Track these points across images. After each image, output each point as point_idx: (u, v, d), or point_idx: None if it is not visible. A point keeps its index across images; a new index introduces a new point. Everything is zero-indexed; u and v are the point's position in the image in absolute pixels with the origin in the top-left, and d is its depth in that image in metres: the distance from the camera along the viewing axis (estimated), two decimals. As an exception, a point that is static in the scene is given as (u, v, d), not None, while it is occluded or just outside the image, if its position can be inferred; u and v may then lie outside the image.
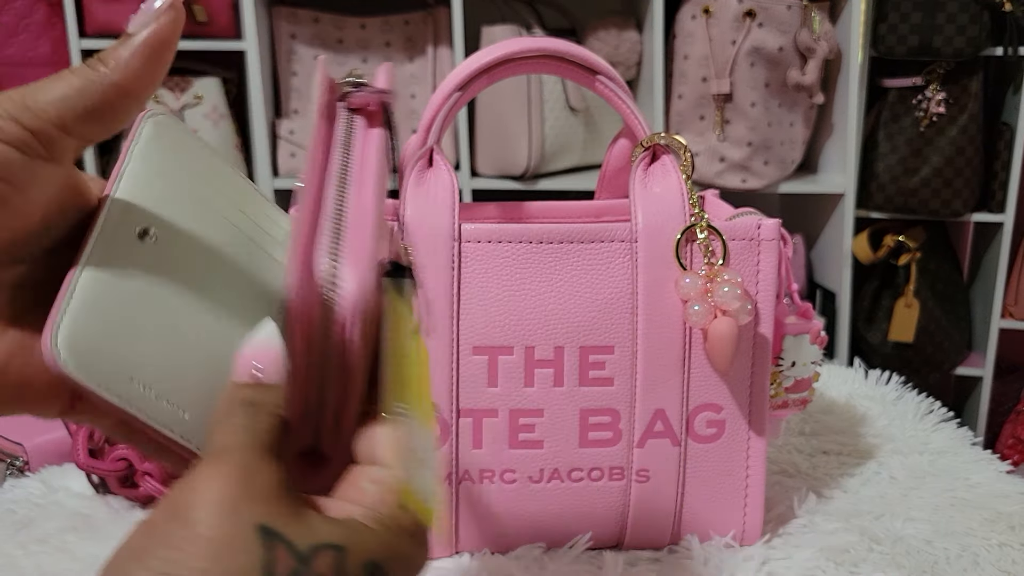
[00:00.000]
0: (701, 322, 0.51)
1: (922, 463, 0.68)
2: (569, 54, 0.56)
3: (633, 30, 1.61)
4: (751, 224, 0.53)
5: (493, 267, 0.52)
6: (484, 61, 0.55)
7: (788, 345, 0.56)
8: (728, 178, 1.58)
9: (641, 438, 0.53)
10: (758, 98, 1.54)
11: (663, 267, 0.52)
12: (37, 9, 1.50)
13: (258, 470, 0.26)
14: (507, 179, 1.60)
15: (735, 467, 0.55)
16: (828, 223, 1.71)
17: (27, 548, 0.57)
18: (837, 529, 0.57)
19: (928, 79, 1.60)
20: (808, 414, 0.77)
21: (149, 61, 0.28)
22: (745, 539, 0.56)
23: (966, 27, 1.54)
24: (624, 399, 0.53)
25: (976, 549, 0.56)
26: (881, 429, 0.74)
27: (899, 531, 0.58)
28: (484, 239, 0.52)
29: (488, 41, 1.53)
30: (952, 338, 1.73)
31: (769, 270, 0.53)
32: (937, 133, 1.61)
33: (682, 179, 0.53)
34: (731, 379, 0.54)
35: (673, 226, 0.52)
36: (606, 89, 0.57)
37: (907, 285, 1.69)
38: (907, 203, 1.64)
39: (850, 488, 0.65)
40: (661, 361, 0.53)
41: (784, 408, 0.58)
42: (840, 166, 1.63)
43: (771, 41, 1.51)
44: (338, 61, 1.64)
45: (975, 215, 1.67)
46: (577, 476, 0.54)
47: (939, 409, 0.78)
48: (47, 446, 0.74)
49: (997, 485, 0.64)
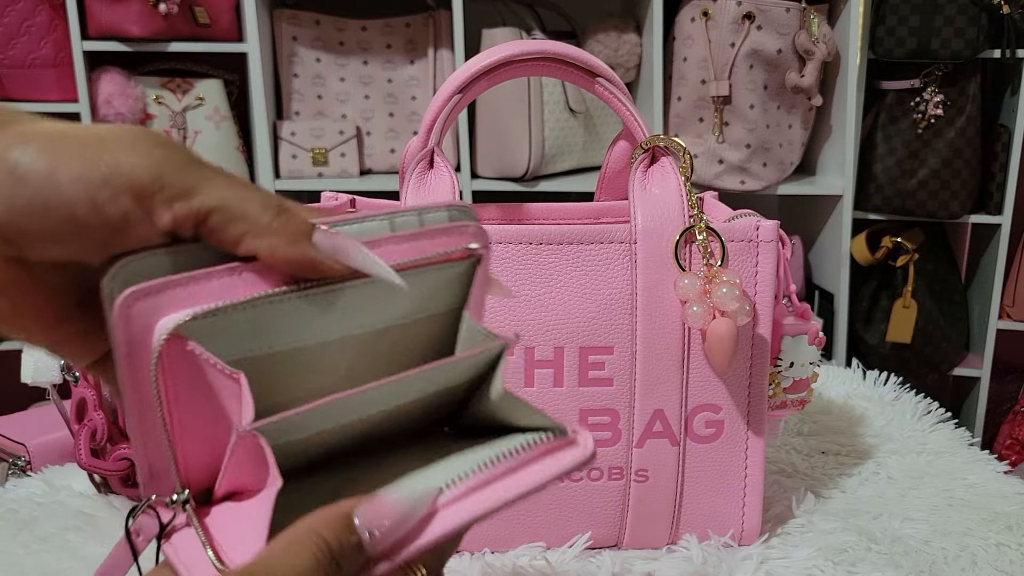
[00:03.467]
0: (700, 323, 0.51)
1: (920, 463, 0.69)
2: (569, 56, 0.57)
3: (632, 32, 1.62)
4: (750, 225, 0.53)
5: (493, 268, 0.52)
6: (485, 63, 0.55)
7: (786, 346, 0.57)
8: (727, 180, 1.58)
9: (640, 438, 0.54)
10: (757, 100, 1.54)
11: (662, 268, 0.52)
12: (40, 11, 1.50)
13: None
14: (507, 180, 1.61)
15: (734, 467, 0.55)
16: (826, 224, 1.72)
17: (29, 547, 0.57)
18: (835, 529, 0.58)
19: (926, 81, 1.61)
20: (806, 414, 0.77)
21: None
22: (743, 539, 0.57)
23: (964, 29, 1.54)
24: (623, 399, 0.53)
25: (974, 549, 0.56)
26: (879, 429, 0.75)
27: (897, 531, 0.58)
28: (485, 240, 0.52)
29: (488, 43, 1.54)
30: (950, 339, 1.73)
31: (767, 271, 0.53)
32: (935, 135, 1.62)
33: (681, 181, 0.54)
34: (730, 380, 0.54)
35: (672, 227, 0.52)
36: (605, 91, 0.57)
37: (905, 286, 1.70)
38: (905, 205, 1.65)
39: (848, 488, 0.65)
40: (660, 362, 0.53)
41: (782, 408, 0.59)
42: (838, 168, 1.63)
43: (770, 43, 1.52)
44: (339, 63, 1.64)
45: (973, 217, 1.68)
46: (576, 476, 0.54)
47: (937, 410, 0.78)
48: (49, 446, 0.74)
49: (994, 485, 0.65)
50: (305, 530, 0.26)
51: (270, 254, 0.28)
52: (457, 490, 0.29)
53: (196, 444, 0.30)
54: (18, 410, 0.98)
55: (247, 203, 0.27)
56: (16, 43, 1.50)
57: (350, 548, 0.27)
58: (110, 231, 0.27)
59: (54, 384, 0.69)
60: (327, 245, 0.28)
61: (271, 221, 0.28)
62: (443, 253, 0.32)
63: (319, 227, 0.29)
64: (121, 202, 0.26)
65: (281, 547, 0.26)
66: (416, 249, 0.32)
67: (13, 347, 1.53)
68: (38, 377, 0.67)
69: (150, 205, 0.27)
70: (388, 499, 0.28)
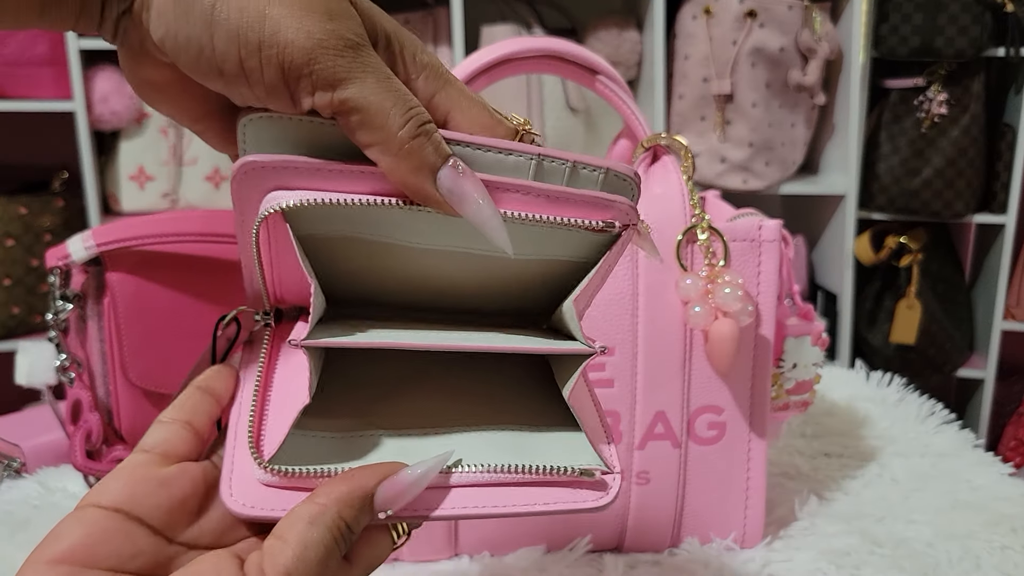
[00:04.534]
0: (702, 323, 0.51)
1: (924, 465, 0.68)
2: (569, 54, 0.56)
3: (634, 30, 1.61)
4: (752, 225, 0.52)
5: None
6: (484, 61, 0.55)
7: (789, 347, 0.56)
8: (729, 179, 1.57)
9: (642, 440, 0.53)
10: (759, 99, 1.54)
11: (664, 268, 0.52)
12: (37, 9, 1.50)
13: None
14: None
15: (736, 469, 0.55)
16: (829, 224, 1.71)
17: (25, 549, 0.56)
18: (838, 531, 0.57)
19: (930, 80, 1.60)
20: (809, 416, 0.77)
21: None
22: (746, 541, 0.56)
23: (968, 28, 1.54)
24: (625, 401, 0.53)
25: (978, 552, 0.55)
26: (883, 431, 0.74)
27: (901, 533, 0.57)
28: (483, 240, 0.51)
29: (488, 41, 1.53)
30: (954, 340, 1.73)
31: (770, 271, 0.53)
32: (939, 134, 1.61)
33: (683, 180, 0.53)
34: (732, 381, 0.53)
35: (674, 227, 0.52)
36: (606, 89, 0.57)
37: (909, 286, 1.69)
38: (909, 204, 1.64)
39: (851, 490, 0.64)
40: (662, 363, 0.52)
41: (785, 410, 0.58)
42: (842, 167, 1.63)
43: (772, 41, 1.51)
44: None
45: (977, 216, 1.67)
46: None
47: (941, 411, 0.78)
48: (44, 447, 0.74)
49: (999, 488, 0.64)
50: (327, 507, 0.27)
51: (390, 172, 0.28)
52: (471, 477, 0.30)
53: (289, 286, 0.32)
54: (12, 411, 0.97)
55: (387, 114, 0.27)
56: (10, 41, 1.50)
57: (364, 521, 0.29)
58: (252, 93, 0.27)
59: (49, 385, 0.69)
60: (448, 187, 0.28)
61: (405, 142, 0.27)
62: (577, 223, 0.30)
63: (451, 161, 0.28)
64: (268, 74, 0.26)
65: (306, 525, 0.27)
66: (550, 209, 0.30)
67: (7, 348, 1.53)
68: (32, 378, 0.66)
69: (295, 86, 0.26)
70: (409, 478, 0.28)
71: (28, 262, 1.59)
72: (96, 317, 0.60)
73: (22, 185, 1.61)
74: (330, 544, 0.27)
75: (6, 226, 1.55)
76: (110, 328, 0.59)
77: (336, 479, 0.29)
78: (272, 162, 0.28)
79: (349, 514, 0.28)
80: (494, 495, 0.30)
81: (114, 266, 0.59)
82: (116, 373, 0.60)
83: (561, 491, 0.30)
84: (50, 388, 0.73)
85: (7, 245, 1.56)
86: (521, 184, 0.29)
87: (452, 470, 0.30)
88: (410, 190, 0.28)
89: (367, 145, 0.27)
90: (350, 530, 0.28)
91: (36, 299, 1.61)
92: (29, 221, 1.58)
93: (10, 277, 1.57)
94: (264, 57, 0.26)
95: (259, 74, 0.26)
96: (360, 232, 0.31)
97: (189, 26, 0.26)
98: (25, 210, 1.57)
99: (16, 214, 1.56)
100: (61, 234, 1.59)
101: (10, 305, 1.58)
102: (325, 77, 0.26)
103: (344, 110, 0.27)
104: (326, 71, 0.26)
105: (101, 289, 0.59)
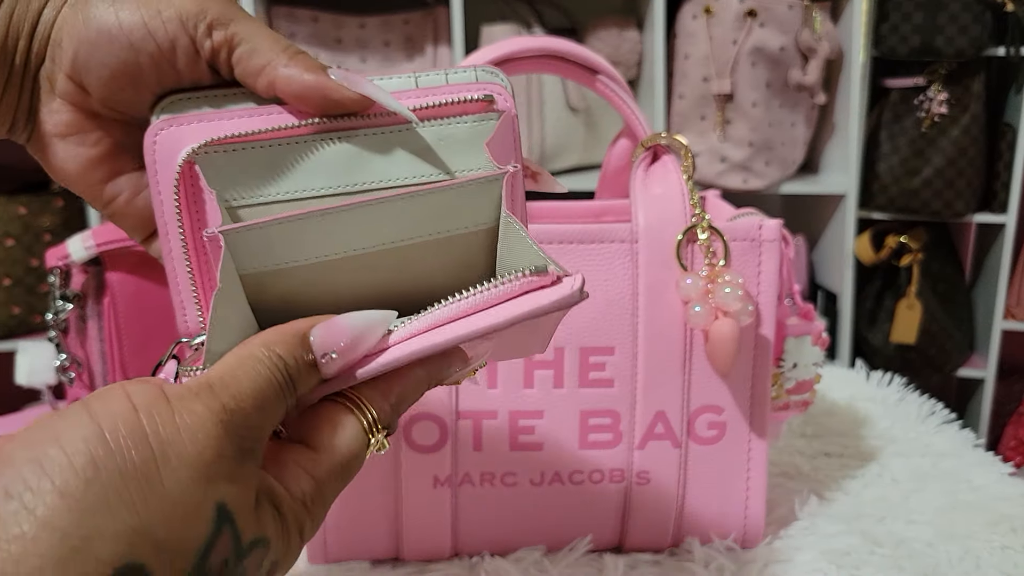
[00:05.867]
0: (702, 323, 0.51)
1: (924, 465, 0.68)
2: (570, 54, 0.56)
3: (634, 29, 1.61)
4: (752, 225, 0.52)
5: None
6: (484, 60, 0.55)
7: (790, 346, 0.56)
8: (729, 178, 1.57)
9: (642, 440, 0.53)
10: (759, 98, 1.54)
11: (664, 268, 0.51)
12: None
13: (249, 445, 0.25)
14: (508, 179, 1.60)
15: (736, 469, 0.55)
16: (830, 224, 1.71)
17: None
18: (839, 531, 0.57)
19: (930, 79, 1.60)
20: (809, 416, 0.77)
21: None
22: (746, 541, 0.56)
23: (968, 27, 1.53)
24: (625, 401, 0.53)
25: (978, 552, 0.55)
26: (883, 431, 0.74)
27: (901, 534, 0.57)
28: (483, 239, 0.51)
29: (488, 40, 1.53)
30: (954, 339, 1.73)
31: (771, 271, 0.53)
32: (939, 133, 1.61)
33: (683, 179, 0.53)
34: (732, 381, 0.53)
35: (674, 227, 0.52)
36: (606, 89, 0.57)
37: (909, 286, 1.69)
38: (909, 204, 1.64)
39: (852, 490, 0.64)
40: (662, 362, 0.52)
41: (785, 410, 0.58)
42: (842, 167, 1.63)
43: (772, 41, 1.51)
44: (336, 60, 1.63)
45: (977, 216, 1.67)
46: (578, 479, 0.53)
47: (941, 411, 0.78)
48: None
49: (999, 487, 0.64)
50: (260, 344, 0.27)
51: (287, 82, 0.31)
52: (417, 324, 0.29)
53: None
54: (12, 411, 0.97)
55: (270, 40, 0.32)
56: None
57: (304, 366, 0.28)
58: (162, 58, 0.31)
59: (49, 385, 0.69)
60: (341, 76, 0.31)
61: (293, 54, 0.32)
62: (461, 100, 0.32)
63: (333, 67, 0.32)
64: (170, 28, 0.31)
65: (237, 361, 0.27)
66: (436, 99, 0.32)
67: (7, 348, 1.53)
68: (32, 378, 0.66)
69: (194, 32, 0.31)
70: (344, 321, 0.28)
71: (28, 262, 1.59)
72: (96, 317, 0.60)
73: (22, 185, 1.61)
74: (265, 374, 0.26)
75: (6, 226, 1.55)
76: (110, 328, 0.59)
77: (266, 330, 0.28)
78: (184, 117, 0.30)
79: (284, 349, 0.27)
80: (455, 327, 0.28)
81: (114, 266, 0.59)
82: (116, 373, 0.60)
83: (522, 300, 0.29)
84: (50, 388, 0.72)
85: (7, 245, 1.56)
86: (410, 90, 0.33)
87: (400, 327, 0.29)
88: (310, 88, 0.31)
89: (261, 67, 0.31)
90: (287, 368, 0.27)
91: (36, 299, 1.61)
92: (29, 221, 1.58)
93: (10, 277, 1.57)
94: (164, 17, 0.31)
95: (163, 30, 0.31)
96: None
97: (95, 22, 0.31)
98: (25, 210, 1.57)
99: (16, 214, 1.56)
100: (61, 234, 1.59)
101: (10, 305, 1.58)
102: (216, 17, 0.31)
103: (238, 41, 0.31)
104: (217, 13, 0.31)
105: (101, 289, 0.59)
